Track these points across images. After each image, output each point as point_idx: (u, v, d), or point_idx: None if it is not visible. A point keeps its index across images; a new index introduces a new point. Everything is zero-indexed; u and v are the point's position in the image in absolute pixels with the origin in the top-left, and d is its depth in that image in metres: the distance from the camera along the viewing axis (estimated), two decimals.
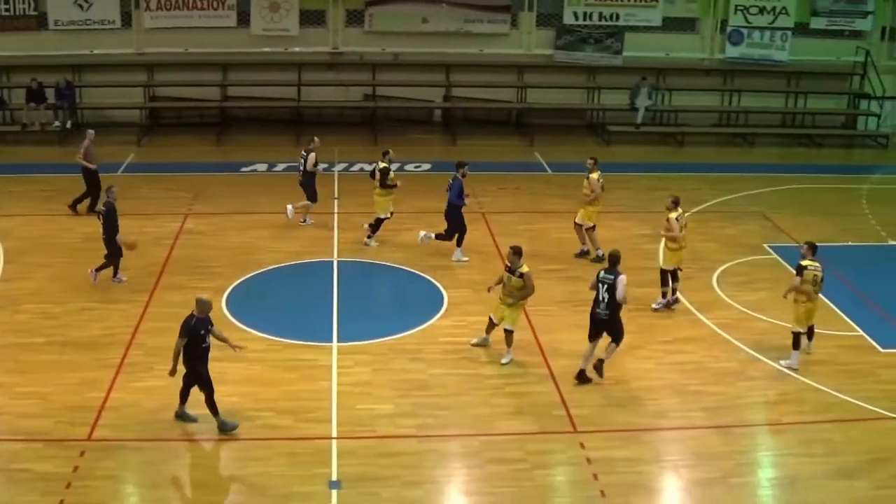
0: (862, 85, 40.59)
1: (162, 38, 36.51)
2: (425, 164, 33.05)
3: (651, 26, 39.10)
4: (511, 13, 38.20)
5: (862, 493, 16.51)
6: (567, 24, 38.42)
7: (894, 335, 22.41)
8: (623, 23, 38.64)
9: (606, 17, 38.44)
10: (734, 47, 39.72)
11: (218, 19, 36.52)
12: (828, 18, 39.99)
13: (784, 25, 39.54)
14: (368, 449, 16.93)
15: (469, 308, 22.48)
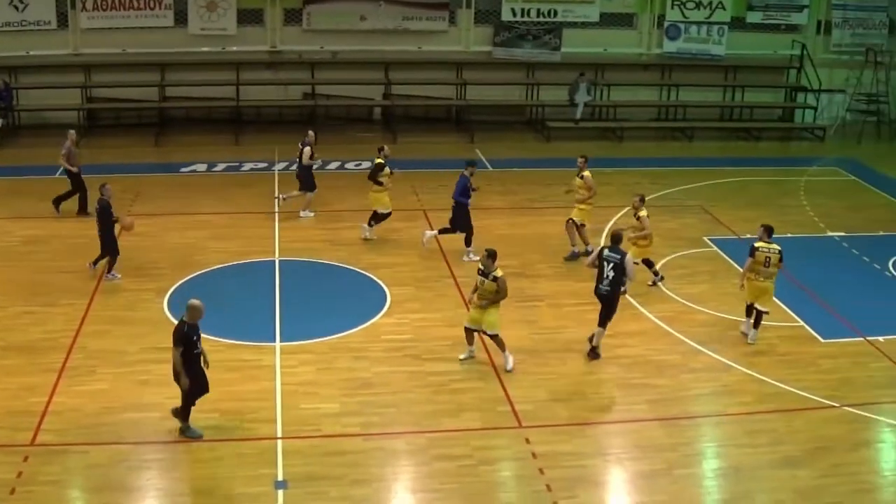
0: (798, 78, 41.11)
1: (99, 38, 36.18)
2: (365, 162, 32.93)
3: (589, 22, 39.31)
4: (449, 10, 38.22)
5: (805, 483, 16.75)
6: (505, 21, 38.53)
7: (834, 325, 22.74)
8: (561, 19, 38.81)
9: (544, 14, 38.60)
10: (671, 42, 40.05)
11: (155, 19, 36.25)
12: (764, 13, 40.45)
13: (721, 20, 39.94)
14: (314, 448, 16.93)
15: (411, 306, 22.54)
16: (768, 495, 16.43)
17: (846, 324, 22.86)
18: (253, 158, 32.45)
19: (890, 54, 41.03)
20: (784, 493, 16.48)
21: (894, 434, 18.59)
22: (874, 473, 17.58)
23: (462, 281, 23.88)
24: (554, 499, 15.93)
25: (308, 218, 27.89)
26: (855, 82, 40.90)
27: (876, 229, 29.11)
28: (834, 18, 41.25)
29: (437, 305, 22.68)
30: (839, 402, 19.38)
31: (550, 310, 22.86)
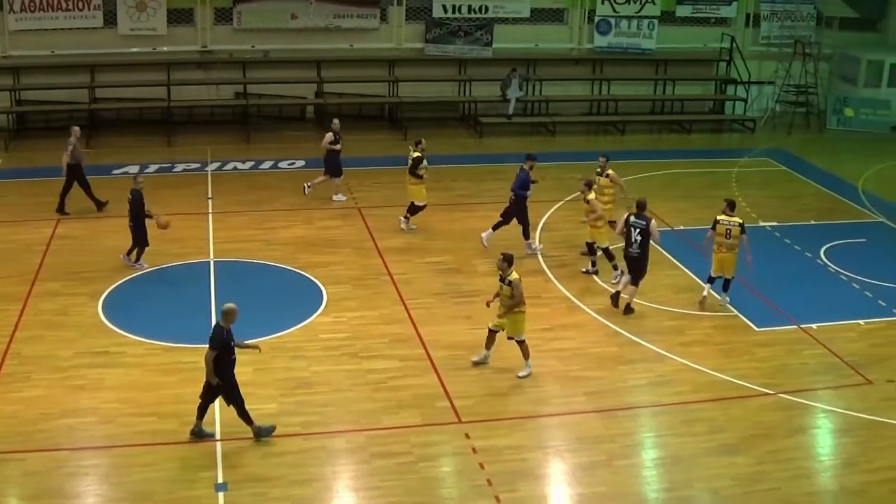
0: (728, 71, 41.52)
1: (27, 40, 35.70)
2: (299, 160, 32.88)
3: (520, 18, 39.44)
4: (380, 8, 38.17)
5: (744, 469, 16.97)
6: (437, 18, 38.54)
7: (768, 314, 23.03)
8: (492, 15, 38.89)
9: (476, 10, 38.65)
10: (602, 37, 40.27)
11: (84, 20, 35.84)
12: (693, 6, 40.85)
13: (650, 14, 40.25)
14: (254, 449, 16.86)
15: (348, 304, 22.50)
16: (707, 483, 16.60)
17: (780, 312, 23.15)
18: (185, 159, 32.22)
19: (818, 46, 41.59)
20: (723, 480, 16.67)
21: (829, 420, 18.86)
22: (811, 459, 17.85)
23: (398, 278, 23.90)
24: (495, 493, 15.99)
25: (340, 202, 28.95)
26: (784, 74, 41.41)
27: (807, 218, 29.49)
28: (762, 11, 41.76)
29: (374, 303, 22.66)
30: (775, 390, 19.64)
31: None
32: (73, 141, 27.39)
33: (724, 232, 22.83)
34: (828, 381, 20.25)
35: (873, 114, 41.55)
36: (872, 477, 17.02)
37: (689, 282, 24.51)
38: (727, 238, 22.81)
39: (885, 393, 19.81)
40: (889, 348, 21.76)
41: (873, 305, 23.75)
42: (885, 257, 26.93)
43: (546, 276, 24.55)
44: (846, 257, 26.52)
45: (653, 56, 40.84)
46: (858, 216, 30.42)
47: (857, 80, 42.13)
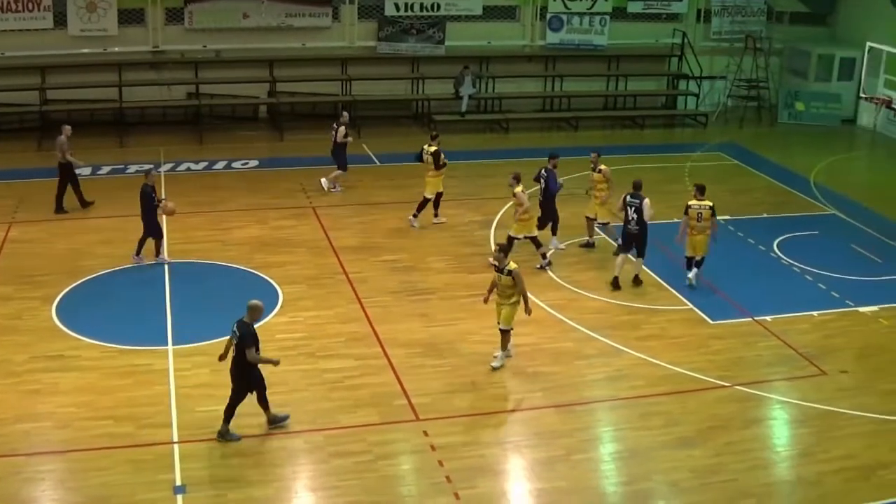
0: (680, 66, 41.78)
1: None
2: (252, 160, 32.76)
3: (472, 15, 39.47)
4: (332, 6, 38.06)
5: (701, 462, 17.09)
6: (389, 16, 38.49)
7: (723, 307, 23.19)
8: (444, 13, 38.89)
9: (428, 8, 38.64)
10: (554, 33, 40.38)
11: (34, 21, 35.49)
12: (644, 2, 41.02)
13: (602, 10, 40.38)
14: (212, 451, 16.80)
15: (304, 304, 22.44)
16: (665, 476, 16.72)
17: (734, 305, 23.31)
18: (138, 160, 31.96)
19: (769, 41, 41.92)
20: (680, 472, 16.78)
21: (785, 411, 19.01)
22: (767, 450, 17.99)
23: (354, 277, 23.86)
24: (454, 489, 16.01)
25: (336, 193, 29.47)
26: (735, 68, 41.70)
27: (760, 212, 29.70)
28: (713, 6, 42.00)
29: (329, 303, 22.61)
30: (730, 382, 19.79)
31: (443, 302, 22.93)
32: (63, 140, 27.43)
33: (696, 216, 23.76)
34: (783, 372, 20.42)
35: (824, 107, 41.93)
36: (828, 466, 17.19)
37: (644, 276, 24.59)
38: (698, 221, 23.74)
39: (838, 383, 20.02)
40: (842, 339, 21.98)
41: (826, 297, 23.96)
42: (837, 249, 27.18)
43: None
44: (799, 250, 26.75)
45: (605, 52, 40.99)
46: (810, 209, 30.69)
47: (808, 74, 42.53)
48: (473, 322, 21.74)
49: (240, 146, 34.43)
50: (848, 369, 20.54)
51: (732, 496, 16.27)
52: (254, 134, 36.50)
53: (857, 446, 17.85)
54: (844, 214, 30.12)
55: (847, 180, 34.49)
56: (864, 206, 30.95)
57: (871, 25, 40.34)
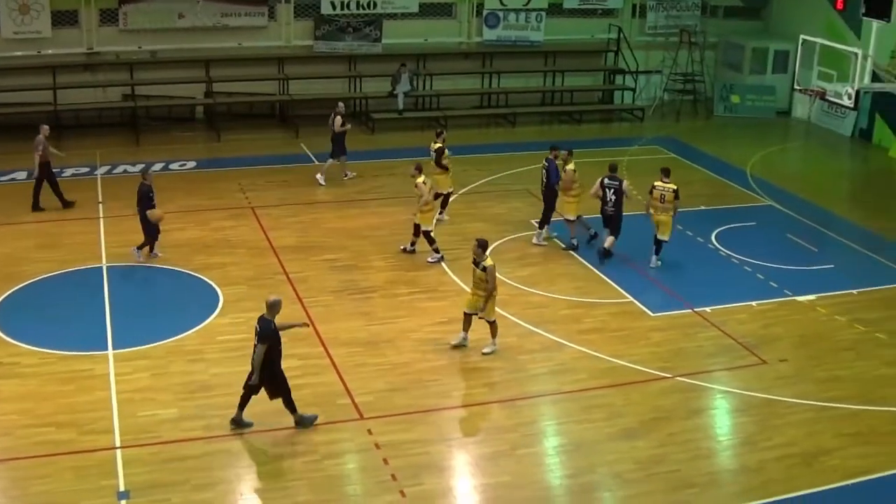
0: (616, 61, 42.01)
1: None
2: (190, 161, 32.53)
3: (408, 13, 39.45)
4: (268, 5, 37.86)
5: (644, 453, 17.23)
6: (325, 15, 38.35)
7: (663, 299, 23.38)
8: (381, 11, 38.81)
9: (364, 6, 38.56)
10: (491, 30, 40.45)
11: None
12: None
13: (538, 7, 40.51)
14: (155, 455, 16.65)
15: (245, 305, 22.26)
16: (609, 467, 16.84)
17: (674, 297, 23.51)
18: (74, 163, 31.62)
19: (703, 35, 42.26)
20: (625, 464, 16.91)
21: (726, 400, 19.19)
22: (709, 439, 18.18)
23: (295, 277, 23.79)
24: (400, 487, 16.02)
25: (351, 178, 30.35)
26: (671, 63, 41.99)
27: (697, 204, 29.89)
28: (648, 1, 42.28)
29: None
30: (672, 373, 19.95)
31: (384, 300, 22.92)
32: (41, 139, 27.34)
33: (659, 196, 24.76)
34: (723, 362, 20.61)
35: (759, 100, 42.38)
36: (770, 454, 17.40)
37: (584, 271, 24.76)
38: (661, 203, 24.70)
39: (778, 372, 20.25)
40: (781, 328, 22.23)
41: (765, 287, 24.21)
42: (774, 239, 27.50)
43: (441, 268, 24.63)
44: (737, 241, 27.02)
45: (541, 48, 41.12)
46: (747, 200, 30.99)
47: (743, 67, 42.96)
48: (415, 319, 21.78)
49: (177, 147, 34.17)
50: (787, 358, 20.78)
51: (676, 486, 16.41)
52: (191, 135, 36.24)
53: (798, 434, 18.08)
54: (780, 205, 30.46)
55: (783, 171, 34.91)
56: (799, 197, 31.31)
57: (803, 18, 40.81)
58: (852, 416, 18.83)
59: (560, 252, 25.81)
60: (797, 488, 16.54)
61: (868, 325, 22.62)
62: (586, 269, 24.77)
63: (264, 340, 16.82)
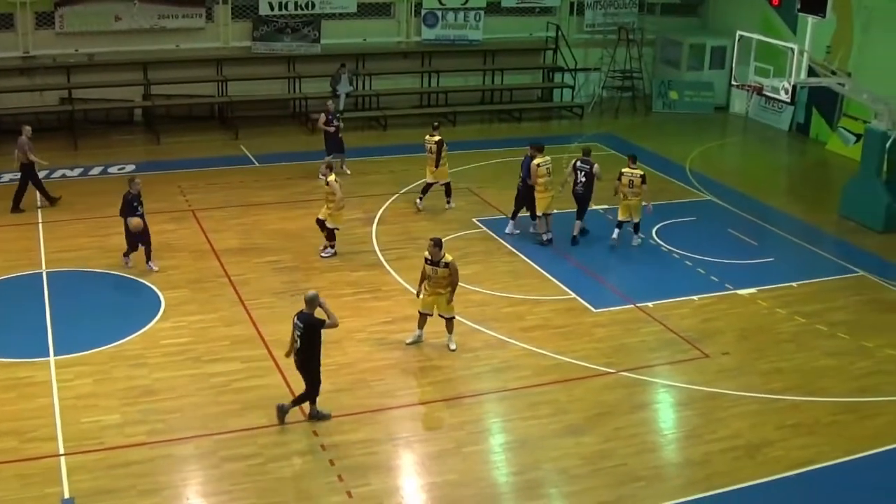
0: (555, 59, 42.20)
1: None
2: (129, 165, 32.26)
3: (347, 13, 39.37)
4: (206, 7, 37.64)
5: (590, 448, 17.33)
6: (263, 15, 38.19)
7: (605, 295, 23.52)
8: (319, 11, 38.69)
9: (302, 6, 38.43)
10: (430, 29, 40.48)
11: None
12: None
13: (477, 6, 40.56)
14: (99, 462, 16.51)
15: (187, 308, 22.18)
16: (555, 463, 16.91)
17: (616, 293, 23.64)
18: (11, 169, 31.18)
19: (641, 32, 42.59)
20: (570, 460, 16.99)
21: (670, 394, 19.34)
22: (654, 433, 18.30)
23: (237, 279, 23.67)
24: (346, 488, 15.99)
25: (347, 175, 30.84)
26: (609, 60, 42.26)
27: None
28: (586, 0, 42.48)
29: (213, 306, 22.39)
30: (615, 368, 20.07)
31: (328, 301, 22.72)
32: (24, 140, 27.33)
33: (628, 182, 26.02)
34: (666, 356, 20.76)
35: (697, 96, 42.76)
36: (715, 447, 17.57)
37: (526, 268, 24.84)
38: (630, 188, 25.97)
39: (720, 365, 20.43)
40: (722, 322, 22.44)
41: (706, 281, 24.42)
42: (714, 234, 27.76)
43: (384, 268, 24.62)
44: (677, 236, 27.24)
45: (480, 47, 41.22)
46: (687, 195, 31.25)
47: (680, 63, 43.32)
48: (359, 320, 21.74)
49: (116, 151, 33.87)
50: (729, 351, 20.97)
51: (622, 480, 16.51)
52: (129, 138, 35.94)
53: (742, 426, 18.26)
54: (720, 200, 30.74)
55: (722, 166, 35.25)
56: (739, 191, 31.62)
57: (740, 14, 41.19)
58: (794, 407, 19.05)
59: (503, 250, 25.89)
60: (742, 480, 16.71)
61: (808, 316, 22.90)
62: (529, 267, 24.86)
63: (316, 327, 17.37)
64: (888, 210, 28.55)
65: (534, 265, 24.92)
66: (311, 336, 17.29)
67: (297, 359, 17.69)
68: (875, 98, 29.01)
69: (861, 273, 25.61)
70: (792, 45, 27.76)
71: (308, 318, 17.33)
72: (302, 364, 17.62)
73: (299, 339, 17.38)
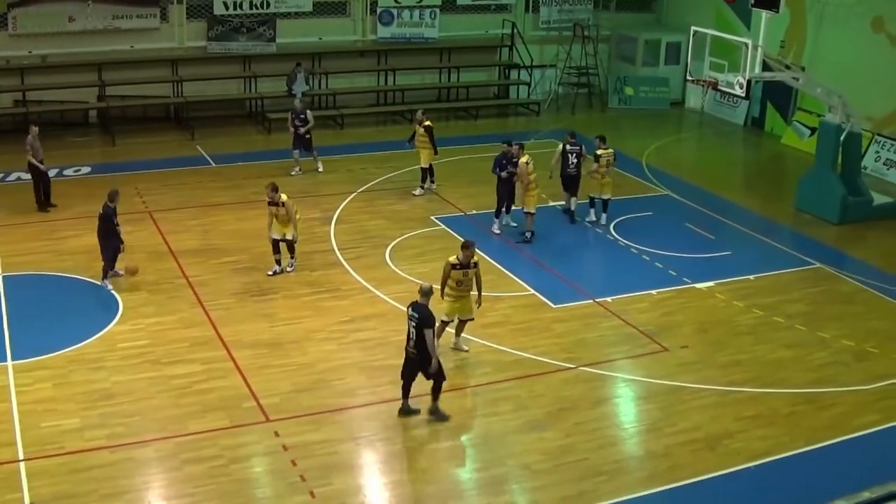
0: (511, 56, 42.26)
1: None
2: (85, 167, 32.05)
3: (302, 12, 39.28)
4: (160, 7, 37.45)
5: (552, 444, 17.39)
6: (218, 15, 38.02)
7: (564, 290, 23.58)
8: (274, 10, 38.57)
9: (257, 6, 38.30)
10: (385, 28, 40.44)
11: None
12: None
13: (432, 4, 40.58)
14: (60, 467, 16.37)
15: (145, 310, 22.04)
16: (518, 459, 16.96)
17: (575, 288, 23.72)
18: None
19: (596, 28, 42.71)
20: (533, 455, 17.04)
21: (630, 388, 19.42)
22: (615, 427, 18.40)
23: (195, 280, 23.56)
24: (309, 488, 15.96)
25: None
26: (565, 57, 42.34)
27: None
28: None
29: (171, 308, 22.27)
30: (575, 364, 20.15)
31: (286, 301, 22.81)
32: (30, 139, 27.47)
33: (605, 163, 27.62)
34: (626, 351, 20.86)
35: (652, 91, 42.96)
36: (675, 439, 17.68)
37: (484, 265, 24.76)
38: (607, 167, 27.68)
39: (680, 358, 20.55)
40: (680, 315, 22.57)
41: (664, 275, 24.55)
42: (671, 228, 27.91)
43: (343, 268, 24.57)
44: (635, 231, 27.37)
45: (436, 45, 41.25)
46: (644, 190, 31.40)
47: (636, 59, 43.54)
48: (318, 320, 21.72)
49: (71, 153, 33.60)
50: (688, 344, 21.09)
51: (585, 475, 16.57)
52: (85, 140, 35.69)
53: (702, 418, 18.39)
54: (677, 194, 30.91)
55: (678, 161, 35.46)
56: (695, 185, 31.83)
57: (694, 10, 41.52)
58: (753, 399, 19.19)
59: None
60: (703, 472, 16.82)
61: (765, 309, 23.07)
62: (488, 264, 24.84)
63: (429, 323, 17.44)
64: (843, 202, 28.83)
65: (493, 262, 24.93)
66: (423, 328, 17.50)
67: (411, 351, 17.82)
68: (829, 91, 29.24)
69: (817, 265, 25.85)
70: (746, 41, 27.94)
71: (423, 309, 17.52)
72: (415, 356, 17.73)
73: (415, 329, 17.56)
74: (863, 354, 21.25)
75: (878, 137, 34.33)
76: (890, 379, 20.19)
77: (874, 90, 33.74)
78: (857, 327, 22.48)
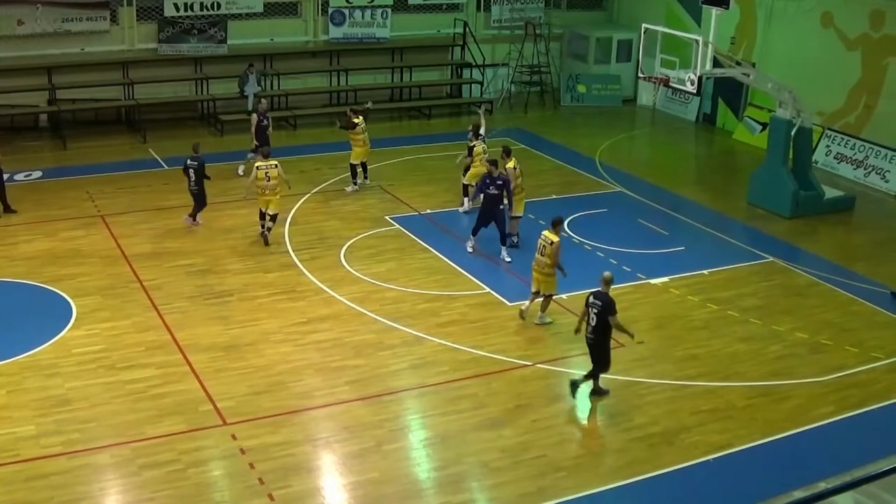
0: (463, 55, 42.31)
1: None
2: (36, 171, 31.77)
3: (253, 13, 39.12)
4: (110, 9, 37.16)
5: (510, 441, 17.46)
6: (169, 17, 37.78)
7: (520, 289, 23.57)
8: (225, 11, 38.36)
9: (208, 7, 38.10)
10: (337, 28, 40.37)
11: None
12: None
13: (384, 4, 40.52)
14: (15, 475, 16.22)
15: (100, 315, 21.88)
16: (477, 457, 17.00)
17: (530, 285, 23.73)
18: None
19: (548, 26, 42.86)
20: (491, 453, 17.09)
21: (586, 384, 19.42)
22: (573, 423, 18.53)
23: (149, 284, 23.42)
24: (268, 491, 15.93)
25: None
26: (517, 55, 42.42)
27: (548, 193, 30.33)
28: None
29: (126, 312, 22.12)
30: (532, 361, 20.22)
31: (242, 303, 22.72)
32: None
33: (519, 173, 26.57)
34: (581, 347, 20.74)
35: (605, 89, 43.14)
36: (633, 434, 17.82)
37: (440, 264, 24.90)
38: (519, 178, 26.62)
39: (636, 353, 20.64)
40: (636, 311, 22.65)
41: (618, 271, 24.53)
42: (625, 225, 28.05)
43: (298, 269, 24.51)
44: (589, 228, 27.47)
45: (388, 44, 41.23)
46: (597, 188, 31.52)
47: (588, 57, 43.71)
48: (274, 321, 21.66)
49: (21, 157, 33.24)
50: (644, 339, 21.15)
51: (544, 471, 16.64)
52: (36, 144, 35.36)
53: (659, 413, 18.52)
54: (630, 191, 31.06)
55: (631, 158, 35.66)
56: (648, 182, 32.00)
57: (645, 7, 41.78)
58: (709, 392, 19.35)
59: (416, 246, 25.88)
60: (661, 466, 16.95)
61: (720, 303, 23.25)
62: (442, 263, 24.92)
63: (614, 309, 18.51)
64: (794, 196, 29.09)
65: (447, 261, 24.98)
66: (606, 315, 18.37)
67: (589, 336, 18.72)
68: (779, 87, 29.48)
69: (770, 259, 26.07)
70: (697, 37, 28.13)
71: (605, 296, 18.46)
72: (595, 341, 18.67)
73: (596, 316, 18.44)
74: (817, 347, 21.47)
75: (828, 132, 34.66)
76: (844, 371, 20.42)
77: (824, 85, 34.10)
78: (810, 320, 22.71)
